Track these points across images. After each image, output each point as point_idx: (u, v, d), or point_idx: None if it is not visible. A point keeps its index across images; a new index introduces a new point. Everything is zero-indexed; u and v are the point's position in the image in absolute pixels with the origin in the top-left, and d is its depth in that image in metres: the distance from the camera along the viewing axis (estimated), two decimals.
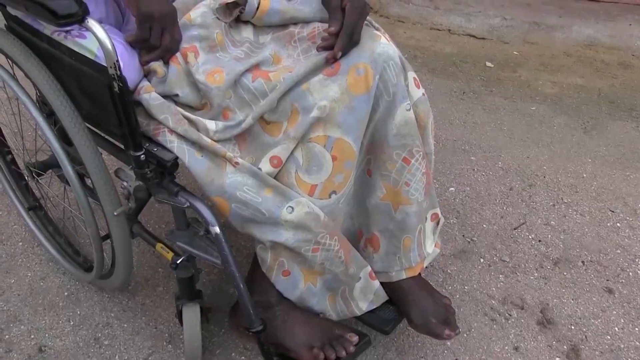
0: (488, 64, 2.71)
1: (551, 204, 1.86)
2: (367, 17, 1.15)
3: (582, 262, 1.65)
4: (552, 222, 1.79)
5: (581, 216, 1.82)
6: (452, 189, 1.92)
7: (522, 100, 2.43)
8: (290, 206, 1.07)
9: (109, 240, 1.28)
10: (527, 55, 2.80)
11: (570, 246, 1.70)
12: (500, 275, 1.60)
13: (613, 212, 1.84)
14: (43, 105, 1.26)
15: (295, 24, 1.18)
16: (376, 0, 3.19)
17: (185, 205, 1.09)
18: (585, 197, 1.89)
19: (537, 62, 2.74)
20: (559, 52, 2.83)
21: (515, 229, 1.76)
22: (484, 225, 1.77)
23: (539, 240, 1.72)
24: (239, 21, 1.22)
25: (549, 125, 2.27)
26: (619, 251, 1.69)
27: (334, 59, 1.07)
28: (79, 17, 0.97)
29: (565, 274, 1.62)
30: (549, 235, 1.74)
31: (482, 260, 1.65)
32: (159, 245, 1.25)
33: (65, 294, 1.53)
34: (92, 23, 0.97)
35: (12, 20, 1.22)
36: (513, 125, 2.26)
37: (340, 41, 1.06)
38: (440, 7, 3.17)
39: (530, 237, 1.73)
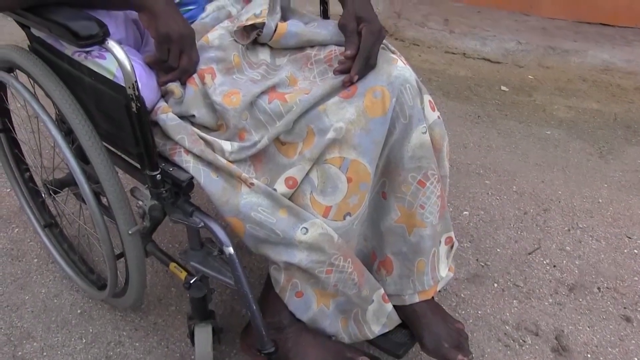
0: (503, 87, 2.71)
1: (566, 229, 1.84)
2: (384, 41, 1.16)
3: (598, 288, 1.63)
4: (567, 247, 1.77)
5: (597, 242, 1.80)
6: (466, 212, 1.91)
7: (537, 125, 2.42)
8: (304, 227, 1.07)
9: (122, 259, 1.28)
10: (542, 79, 2.80)
11: (586, 272, 1.68)
12: (514, 301, 1.59)
13: (630, 238, 1.82)
14: (62, 124, 1.28)
15: (312, 46, 1.19)
16: (392, 24, 3.21)
17: (200, 225, 1.10)
18: (601, 223, 1.87)
19: (552, 86, 2.74)
20: (575, 77, 2.82)
21: (529, 253, 1.75)
22: (498, 250, 1.76)
23: (554, 266, 1.70)
24: (255, 43, 1.24)
25: (564, 149, 2.26)
26: (636, 278, 1.67)
27: (351, 83, 1.08)
28: (99, 38, 0.99)
29: (580, 300, 1.60)
30: (564, 261, 1.72)
31: (495, 284, 1.64)
32: (172, 265, 1.25)
33: (78, 311, 1.53)
34: (112, 44, 0.99)
35: (36, 42, 1.24)
36: (528, 149, 2.25)
37: (357, 65, 1.08)
38: (455, 30, 3.19)
39: (544, 262, 1.72)
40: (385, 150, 1.14)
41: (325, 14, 1.40)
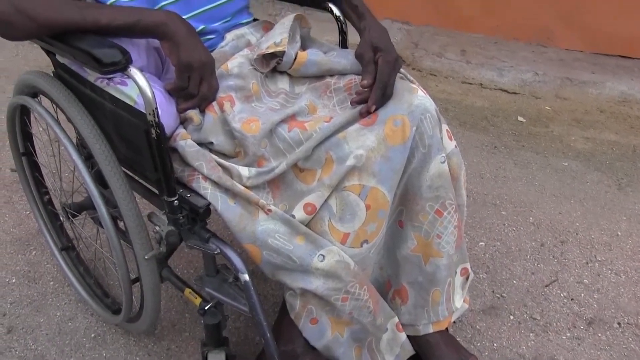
0: (520, 118, 2.71)
1: (584, 261, 1.82)
2: (402, 70, 1.17)
3: (619, 323, 1.60)
4: (585, 280, 1.75)
5: (616, 275, 1.77)
6: (482, 243, 1.89)
7: (554, 156, 2.41)
8: (321, 254, 1.07)
9: (138, 283, 1.29)
10: (559, 110, 2.80)
11: (605, 306, 1.66)
12: (531, 334, 1.56)
13: None
14: (82, 148, 1.30)
15: (331, 75, 1.21)
16: (409, 54, 3.24)
17: (216, 252, 1.10)
18: (620, 256, 1.85)
19: (569, 117, 2.73)
20: (592, 108, 2.81)
21: (546, 286, 1.72)
22: (514, 281, 1.74)
23: (572, 299, 1.68)
24: (275, 71, 1.26)
25: (581, 181, 2.24)
26: None
27: (368, 112, 1.09)
28: (122, 65, 1.01)
29: (600, 335, 1.57)
30: (582, 294, 1.69)
31: (512, 317, 1.61)
32: (187, 291, 1.25)
33: (92, 335, 1.54)
34: (134, 71, 1.01)
35: (60, 68, 1.27)
36: (545, 180, 2.24)
37: (374, 95, 1.09)
38: (472, 61, 3.20)
39: (562, 295, 1.69)
40: (403, 178, 1.15)
41: (344, 44, 1.42)
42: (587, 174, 2.28)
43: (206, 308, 1.20)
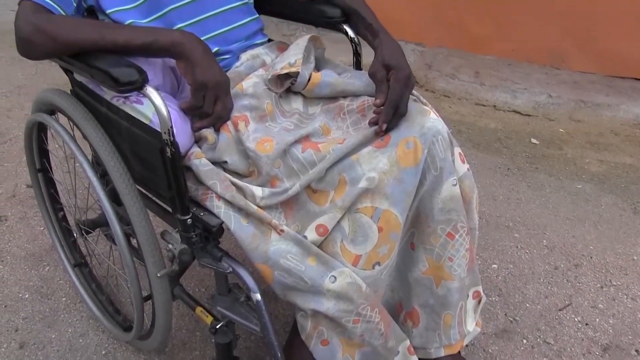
0: (533, 140, 2.70)
1: (599, 285, 1.80)
2: (415, 92, 1.17)
3: (636, 350, 1.58)
4: (600, 305, 1.72)
5: (632, 301, 1.75)
6: (494, 266, 1.88)
7: (567, 178, 2.40)
8: (333, 275, 1.06)
9: (150, 301, 1.29)
10: (573, 133, 2.79)
11: (621, 332, 1.63)
12: (544, 358, 1.54)
13: None
14: (97, 165, 1.31)
15: (344, 97, 1.21)
16: (422, 75, 3.25)
17: (228, 271, 1.10)
18: (636, 281, 1.83)
19: (583, 140, 2.72)
20: (606, 131, 2.80)
21: (560, 310, 1.70)
22: (527, 305, 1.72)
23: (586, 324, 1.65)
24: (289, 92, 1.27)
25: (595, 204, 2.22)
26: None
27: (382, 132, 1.09)
28: (138, 85, 1.02)
29: None
30: (597, 319, 1.67)
31: (525, 341, 1.60)
32: (198, 309, 1.25)
33: (103, 352, 1.54)
34: (150, 90, 1.02)
35: (77, 86, 1.29)
36: (558, 203, 2.22)
37: (385, 113, 1.09)
38: (486, 83, 3.21)
39: (576, 319, 1.67)
40: (415, 201, 1.14)
41: (358, 65, 1.43)
42: (601, 197, 2.27)
43: (217, 327, 1.19)
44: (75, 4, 1.19)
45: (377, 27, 1.24)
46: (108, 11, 1.23)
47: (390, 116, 1.09)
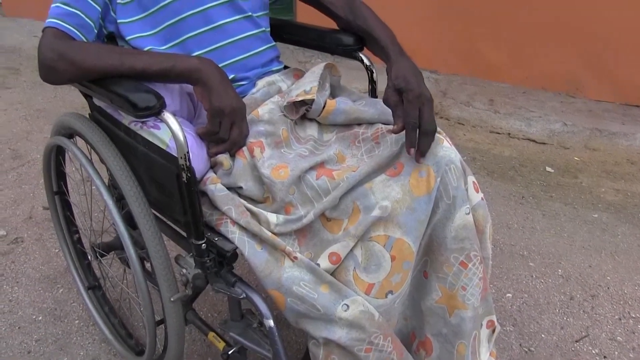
0: (548, 168, 2.69)
1: (617, 317, 1.77)
2: None
3: None
4: (618, 337, 1.69)
5: None
6: (509, 295, 1.86)
7: (583, 207, 2.38)
8: (345, 304, 1.06)
9: (162, 325, 1.29)
10: (588, 161, 2.77)
11: None
12: None
13: None
14: (113, 189, 1.33)
15: (359, 124, 1.22)
16: (437, 102, 3.26)
17: (242, 296, 1.10)
18: None
19: (599, 168, 2.70)
20: (622, 160, 2.78)
21: (577, 341, 1.68)
22: (543, 335, 1.70)
23: (604, 357, 1.63)
24: (304, 118, 1.28)
25: (612, 233, 2.20)
26: None
27: (420, 156, 1.09)
28: (156, 110, 1.04)
29: None
30: (616, 352, 1.64)
31: None
32: (211, 334, 1.25)
33: None
34: (167, 116, 1.04)
35: (96, 111, 1.31)
36: (574, 232, 2.20)
37: (407, 138, 1.09)
38: (500, 110, 3.21)
39: (593, 351, 1.64)
40: (428, 229, 1.14)
41: (373, 93, 1.44)
42: (618, 227, 2.24)
43: (229, 353, 1.19)
44: (96, 31, 1.22)
45: (390, 49, 1.24)
46: (128, 38, 1.25)
47: (414, 138, 1.08)
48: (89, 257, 1.69)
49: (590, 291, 1.88)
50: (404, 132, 1.10)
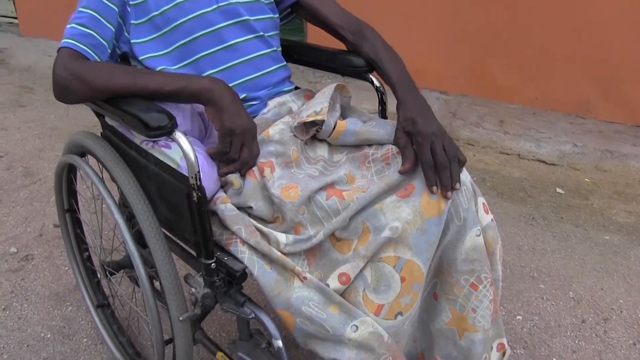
0: (558, 190, 2.68)
1: (631, 342, 1.75)
2: None
3: None
4: None
5: None
6: (519, 317, 1.84)
7: (594, 229, 2.36)
8: (354, 325, 1.05)
9: (170, 345, 1.29)
10: (599, 183, 2.76)
11: None
12: None
13: None
14: (124, 207, 1.33)
15: (369, 145, 1.22)
16: (447, 123, 3.26)
17: (251, 316, 1.10)
18: None
19: (610, 190, 2.69)
20: (634, 181, 2.77)
21: None
22: (554, 359, 1.68)
23: None
24: (314, 139, 1.28)
25: (624, 256, 2.18)
26: None
27: (446, 191, 1.09)
28: (168, 130, 1.05)
29: None
30: None
31: None
32: (219, 354, 1.24)
33: None
34: (179, 135, 1.05)
35: (108, 129, 1.32)
36: (585, 254, 2.19)
37: (427, 179, 1.09)
38: (510, 131, 3.21)
39: None
40: (438, 251, 1.14)
41: (383, 113, 1.44)
42: (630, 249, 2.22)
43: None
44: (109, 51, 1.24)
45: (398, 87, 1.24)
46: (141, 57, 1.27)
47: (432, 177, 1.09)
48: (99, 275, 1.69)
49: (603, 314, 1.86)
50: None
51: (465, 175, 1.13)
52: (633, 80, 3.12)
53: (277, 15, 1.43)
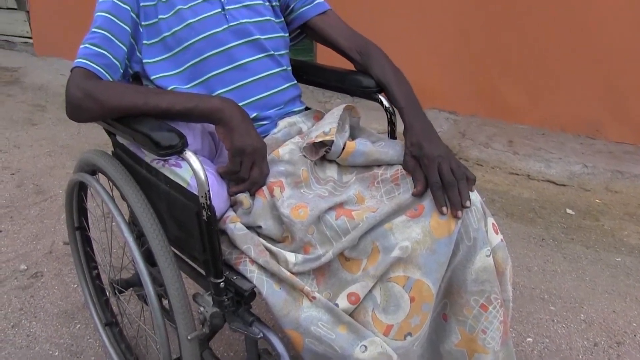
0: (568, 211, 2.66)
1: None
2: None
3: None
4: None
5: None
6: (529, 339, 1.82)
7: (605, 250, 2.34)
8: (363, 345, 1.05)
9: None
10: (610, 203, 2.74)
11: None
12: None
13: None
14: (133, 226, 1.34)
15: (379, 165, 1.23)
16: (456, 143, 3.26)
17: (259, 336, 1.10)
18: None
19: (621, 211, 2.67)
20: None
21: None
22: None
23: None
24: (324, 160, 1.29)
25: (637, 278, 2.15)
26: None
27: (455, 210, 1.09)
28: (179, 149, 1.05)
29: None
30: None
31: None
32: None
33: None
34: (189, 154, 1.05)
35: (119, 148, 1.33)
36: (596, 275, 2.16)
37: (436, 199, 1.09)
38: (520, 152, 3.20)
39: None
40: (447, 271, 1.13)
41: (392, 134, 1.45)
42: None
43: None
44: (122, 70, 1.25)
45: (405, 112, 1.25)
46: (152, 77, 1.29)
47: (441, 198, 1.09)
48: (107, 293, 1.69)
49: (615, 338, 1.83)
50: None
51: (475, 196, 1.13)
52: None
53: (287, 34, 1.45)
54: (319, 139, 1.22)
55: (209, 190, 1.04)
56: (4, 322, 1.87)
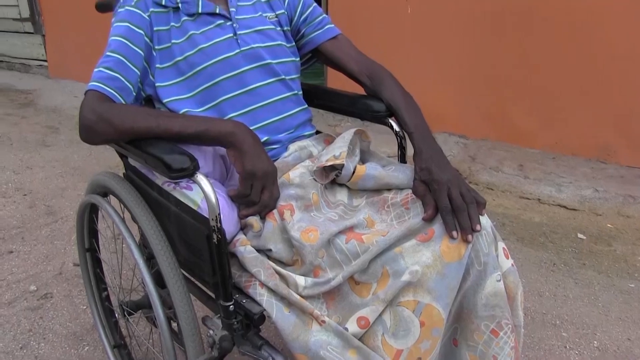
0: (580, 235, 2.64)
1: None
2: None
3: None
4: None
5: None
6: None
7: (618, 276, 2.31)
8: None
9: None
10: (622, 228, 2.71)
11: None
12: None
13: None
14: (144, 248, 1.34)
15: (389, 189, 1.23)
16: (466, 167, 3.26)
17: None
18: None
19: (633, 236, 2.64)
20: None
21: None
22: None
23: None
24: (334, 183, 1.29)
25: None
26: None
27: (465, 234, 1.09)
28: (190, 172, 1.06)
29: None
30: None
31: None
32: None
33: None
34: (200, 177, 1.06)
35: (131, 170, 1.34)
36: (609, 301, 2.14)
37: (447, 224, 1.09)
38: (530, 176, 3.19)
39: None
40: (458, 296, 1.12)
41: (402, 158, 1.45)
42: None
43: None
44: (135, 93, 1.27)
45: (415, 137, 1.25)
46: (165, 100, 1.30)
47: (451, 222, 1.09)
48: (116, 315, 1.69)
49: None
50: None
51: (485, 220, 1.13)
52: None
53: (298, 59, 1.46)
54: (330, 163, 1.23)
55: (219, 213, 1.04)
56: (12, 343, 1.87)
